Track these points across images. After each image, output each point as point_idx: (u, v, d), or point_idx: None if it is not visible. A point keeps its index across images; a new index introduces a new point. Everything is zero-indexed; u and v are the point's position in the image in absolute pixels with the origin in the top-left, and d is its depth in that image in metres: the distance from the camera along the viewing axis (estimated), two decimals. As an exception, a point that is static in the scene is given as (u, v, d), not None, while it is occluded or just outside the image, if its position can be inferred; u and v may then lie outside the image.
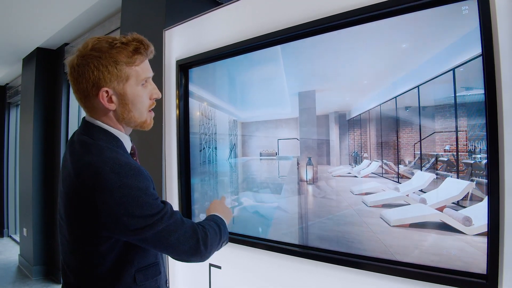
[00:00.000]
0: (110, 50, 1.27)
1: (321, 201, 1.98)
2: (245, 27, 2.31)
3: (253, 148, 2.33)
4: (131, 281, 1.31)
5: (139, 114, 1.35)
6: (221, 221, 1.55)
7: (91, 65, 1.25)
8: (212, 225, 1.46)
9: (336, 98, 1.92)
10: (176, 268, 2.79)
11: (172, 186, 2.81)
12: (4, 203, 8.72)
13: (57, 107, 5.83)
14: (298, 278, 2.07)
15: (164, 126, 2.87)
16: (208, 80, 2.58)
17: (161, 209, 1.25)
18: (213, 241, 1.40)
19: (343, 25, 1.86)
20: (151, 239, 1.23)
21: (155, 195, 1.26)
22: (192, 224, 1.36)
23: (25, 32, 5.27)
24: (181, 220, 1.32)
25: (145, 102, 1.36)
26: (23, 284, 5.62)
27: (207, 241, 1.36)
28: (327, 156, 1.96)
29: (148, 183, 1.24)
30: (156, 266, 1.41)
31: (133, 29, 3.39)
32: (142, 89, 1.34)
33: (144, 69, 1.34)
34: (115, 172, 1.17)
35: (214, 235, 1.42)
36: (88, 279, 1.30)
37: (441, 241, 1.58)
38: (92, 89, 1.27)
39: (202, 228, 1.39)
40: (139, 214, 1.19)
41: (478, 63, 1.46)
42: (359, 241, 1.81)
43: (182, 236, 1.29)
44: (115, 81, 1.27)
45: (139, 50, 1.32)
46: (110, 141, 1.31)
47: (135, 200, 1.18)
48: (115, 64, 1.26)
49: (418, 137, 1.64)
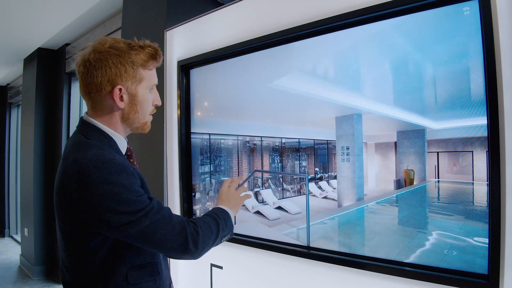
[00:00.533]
0: (129, 51, 1.31)
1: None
2: (247, 28, 2.31)
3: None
4: (122, 279, 1.30)
5: (142, 116, 1.39)
6: (223, 215, 1.51)
7: (109, 61, 1.28)
8: (208, 221, 1.42)
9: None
10: (177, 268, 2.80)
11: (174, 187, 2.81)
12: (5, 203, 8.75)
13: (58, 107, 5.84)
14: (300, 278, 2.07)
15: (166, 126, 2.87)
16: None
17: (146, 205, 1.25)
18: (206, 239, 1.37)
19: (345, 25, 1.87)
20: (136, 235, 1.23)
21: (140, 192, 1.26)
22: (181, 221, 1.33)
23: (26, 33, 5.29)
24: (169, 216, 1.30)
25: (149, 106, 1.40)
26: (24, 284, 5.64)
27: (197, 239, 1.33)
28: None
29: (133, 179, 1.25)
30: (153, 266, 1.39)
31: (134, 29, 3.42)
32: (149, 94, 1.39)
33: (153, 76, 1.40)
34: (98, 168, 1.19)
35: (209, 232, 1.39)
36: (80, 276, 1.31)
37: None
38: (106, 85, 1.30)
39: (193, 226, 1.35)
40: (121, 210, 1.20)
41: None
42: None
43: (170, 233, 1.27)
44: (129, 81, 1.31)
45: (154, 56, 1.36)
46: (103, 140, 1.33)
47: (118, 196, 1.19)
48: (133, 64, 1.31)
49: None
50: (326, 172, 2.03)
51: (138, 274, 1.34)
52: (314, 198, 2.07)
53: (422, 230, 1.66)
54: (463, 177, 1.58)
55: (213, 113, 2.62)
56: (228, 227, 1.50)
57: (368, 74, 1.84)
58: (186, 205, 2.70)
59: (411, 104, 1.70)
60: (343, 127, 1.91)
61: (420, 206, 1.69)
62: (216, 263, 2.54)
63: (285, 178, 2.26)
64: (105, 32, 4.63)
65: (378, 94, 1.81)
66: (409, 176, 1.72)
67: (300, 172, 2.17)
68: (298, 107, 2.12)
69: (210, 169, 2.63)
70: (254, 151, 2.38)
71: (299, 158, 2.17)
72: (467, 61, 1.52)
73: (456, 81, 1.55)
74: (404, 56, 1.72)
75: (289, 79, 2.14)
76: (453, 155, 1.61)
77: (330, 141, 1.99)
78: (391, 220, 1.77)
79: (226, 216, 1.52)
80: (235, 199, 1.63)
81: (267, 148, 2.32)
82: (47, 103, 6.01)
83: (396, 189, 1.77)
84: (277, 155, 2.27)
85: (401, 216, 1.75)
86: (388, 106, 1.76)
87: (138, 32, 3.32)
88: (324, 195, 2.03)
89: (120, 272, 1.30)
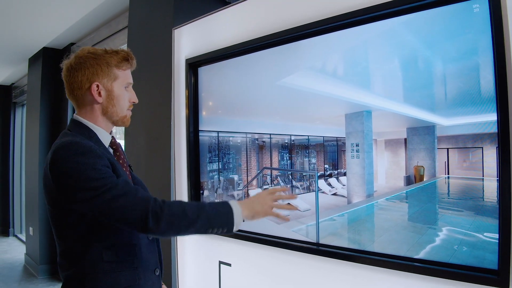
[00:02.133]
0: (105, 54, 1.53)
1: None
2: (255, 26, 2.32)
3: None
4: (98, 256, 1.41)
5: (120, 110, 1.57)
6: (223, 208, 1.45)
7: (87, 63, 1.50)
8: (186, 206, 1.41)
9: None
10: (185, 265, 2.81)
11: (182, 185, 2.83)
12: (10, 203, 8.77)
13: (63, 106, 5.87)
14: (309, 275, 2.09)
15: (173, 124, 2.89)
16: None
17: (109, 182, 1.35)
18: (175, 220, 1.36)
19: (354, 23, 1.88)
20: (98, 210, 1.34)
21: (103, 171, 1.37)
22: (145, 197, 1.37)
23: (31, 32, 5.31)
24: (133, 193, 1.37)
25: (125, 101, 1.59)
26: (29, 283, 5.66)
27: (160, 216, 1.33)
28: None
29: (97, 160, 1.37)
30: (131, 247, 1.48)
31: (142, 28, 3.44)
32: (124, 91, 1.58)
33: (128, 75, 1.59)
34: (65, 148, 1.36)
35: (180, 214, 1.37)
36: (63, 253, 1.47)
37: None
38: (85, 82, 1.50)
39: (160, 204, 1.36)
40: (84, 186, 1.32)
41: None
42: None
43: (130, 207, 1.34)
44: (105, 78, 1.52)
45: (126, 58, 1.57)
46: (83, 132, 1.51)
47: (81, 173, 1.33)
48: (107, 65, 1.52)
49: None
50: (335, 169, 2.04)
51: (114, 252, 1.44)
52: (324, 195, 2.08)
53: (432, 226, 1.67)
54: (473, 173, 1.60)
55: (221, 111, 2.63)
56: (221, 221, 1.42)
57: (377, 71, 1.86)
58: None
59: (421, 101, 1.71)
60: (352, 124, 1.93)
61: (430, 202, 1.70)
62: (224, 260, 2.55)
63: (294, 175, 2.27)
64: (110, 32, 4.65)
65: (388, 91, 1.83)
66: (419, 172, 1.73)
67: (309, 169, 2.18)
68: (307, 104, 2.13)
69: (218, 167, 2.64)
70: (263, 149, 2.39)
71: (309, 155, 2.18)
72: (477, 58, 1.53)
73: (466, 78, 1.57)
74: (413, 53, 1.73)
75: (298, 77, 2.15)
76: (463, 151, 1.62)
77: (339, 138, 2.00)
78: (401, 216, 1.79)
79: (225, 210, 1.45)
80: (259, 204, 1.52)
81: (276, 145, 2.33)
82: (52, 102, 6.04)
83: (406, 185, 1.78)
84: (286, 152, 2.29)
85: (411, 212, 1.76)
86: (398, 103, 1.77)
87: (145, 30, 3.34)
88: (334, 192, 2.04)
89: (96, 249, 1.41)
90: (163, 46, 3.03)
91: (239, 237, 2.41)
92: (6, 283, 5.62)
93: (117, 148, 1.62)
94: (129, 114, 1.63)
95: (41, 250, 5.96)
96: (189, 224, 1.38)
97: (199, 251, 2.72)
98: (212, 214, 1.41)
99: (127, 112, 1.60)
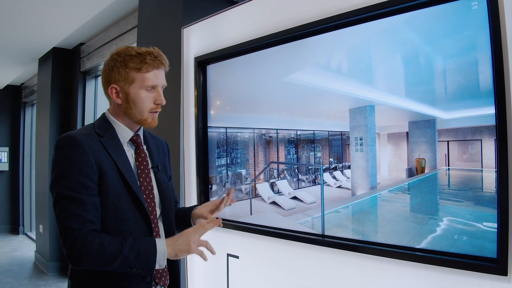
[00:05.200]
0: (126, 57, 1.52)
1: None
2: (262, 24, 2.38)
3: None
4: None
5: (138, 113, 1.55)
6: (148, 249, 1.41)
7: (109, 65, 1.54)
8: (110, 246, 1.37)
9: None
10: (194, 257, 2.84)
11: (191, 180, 2.88)
12: (20, 202, 8.84)
13: (73, 106, 5.90)
14: (315, 265, 2.13)
15: (183, 122, 2.95)
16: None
17: (71, 187, 1.38)
18: (90, 258, 1.36)
19: (358, 20, 1.93)
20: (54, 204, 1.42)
21: (81, 171, 1.41)
22: (72, 228, 1.36)
23: (41, 32, 5.36)
24: (66, 217, 1.37)
25: (146, 104, 1.56)
26: (39, 280, 5.70)
27: (80, 251, 1.35)
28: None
29: (81, 157, 1.42)
30: (118, 235, 1.43)
31: (151, 27, 3.49)
32: (146, 93, 1.55)
33: (148, 78, 1.54)
34: (59, 139, 1.46)
35: (99, 253, 1.36)
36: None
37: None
38: (106, 84, 1.56)
39: (83, 239, 1.35)
40: (56, 175, 1.41)
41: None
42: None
43: (60, 229, 1.38)
44: (122, 82, 1.52)
45: (145, 60, 1.52)
46: (102, 126, 1.57)
47: (59, 164, 1.43)
48: (125, 67, 1.51)
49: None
50: (340, 162, 2.10)
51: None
52: (329, 188, 2.13)
53: (433, 216, 1.71)
54: (473, 164, 1.64)
55: (229, 107, 2.69)
56: (139, 263, 1.39)
57: (380, 67, 1.91)
58: (203, 198, 2.77)
59: (422, 96, 1.76)
60: (356, 119, 1.98)
61: (431, 193, 1.75)
62: (232, 252, 2.60)
63: (300, 168, 2.32)
64: (120, 31, 4.68)
65: (390, 87, 1.88)
66: (421, 164, 1.78)
67: (315, 163, 2.24)
68: (313, 100, 2.19)
69: (226, 162, 2.70)
70: (270, 143, 2.45)
71: (314, 149, 2.24)
72: (476, 54, 1.58)
73: (465, 73, 1.62)
74: (415, 49, 1.79)
75: (304, 73, 2.21)
76: (462, 143, 1.67)
77: (344, 132, 2.06)
78: (403, 208, 1.83)
79: (148, 250, 1.41)
80: (183, 243, 1.48)
81: (283, 140, 2.39)
82: (62, 102, 6.07)
83: (408, 177, 1.83)
84: (293, 147, 2.34)
85: (412, 203, 1.81)
86: (400, 97, 1.83)
87: (154, 30, 3.40)
88: (338, 185, 2.09)
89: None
90: (173, 45, 3.08)
91: (246, 229, 2.46)
92: (17, 280, 5.67)
93: (138, 146, 1.62)
94: (152, 117, 1.58)
95: (51, 247, 6.00)
96: (106, 263, 1.36)
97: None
98: (130, 257, 1.37)
99: (148, 115, 1.56)
